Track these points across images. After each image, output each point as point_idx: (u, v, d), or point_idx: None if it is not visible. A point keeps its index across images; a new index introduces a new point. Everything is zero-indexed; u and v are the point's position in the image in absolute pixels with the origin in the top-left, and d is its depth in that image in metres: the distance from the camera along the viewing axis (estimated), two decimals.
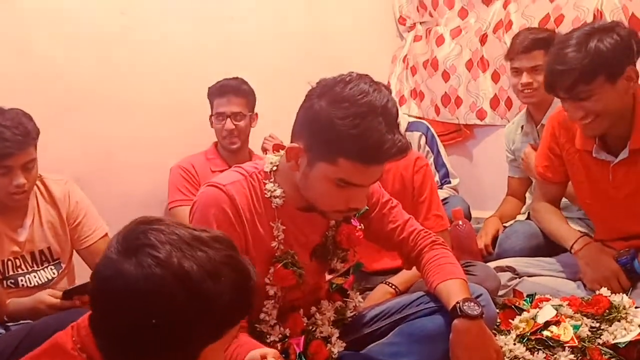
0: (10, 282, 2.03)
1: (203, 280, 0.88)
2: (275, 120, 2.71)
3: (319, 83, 1.45)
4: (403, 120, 3.14)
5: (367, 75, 1.43)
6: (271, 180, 1.55)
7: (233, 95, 2.77)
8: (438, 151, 3.06)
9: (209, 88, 2.82)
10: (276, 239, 1.54)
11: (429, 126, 3.13)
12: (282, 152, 1.55)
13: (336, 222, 1.64)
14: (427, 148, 3.05)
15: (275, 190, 1.54)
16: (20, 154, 1.93)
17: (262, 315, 1.57)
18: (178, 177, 2.78)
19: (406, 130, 3.08)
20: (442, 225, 2.13)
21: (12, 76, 2.54)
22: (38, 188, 2.13)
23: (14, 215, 2.07)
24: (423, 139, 3.06)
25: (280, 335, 1.58)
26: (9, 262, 2.04)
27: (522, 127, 2.65)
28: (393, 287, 2.03)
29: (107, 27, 2.78)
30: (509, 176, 2.81)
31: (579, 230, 2.16)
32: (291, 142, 1.48)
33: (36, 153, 2.01)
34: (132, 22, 2.85)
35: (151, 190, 2.86)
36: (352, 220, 1.66)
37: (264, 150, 2.96)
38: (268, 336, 1.57)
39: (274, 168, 1.56)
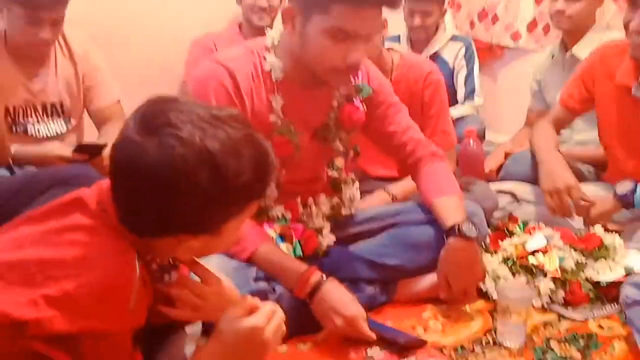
0: (20, 129, 2.06)
1: (225, 159, 0.88)
2: None
3: None
4: (448, 32, 3.07)
5: None
6: (271, 53, 1.54)
7: None
8: (472, 68, 3.01)
9: None
10: (274, 112, 1.54)
11: (472, 43, 3.08)
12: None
13: (338, 103, 1.63)
14: (464, 61, 3.00)
15: (274, 62, 1.53)
16: (54, 8, 1.92)
17: None
18: (198, 54, 2.75)
19: (449, 40, 3.02)
20: (448, 142, 2.12)
21: None
22: (59, 42, 2.12)
23: (31, 63, 2.07)
24: (463, 50, 3.01)
25: (281, 213, 1.61)
26: (20, 109, 2.06)
27: (552, 56, 2.58)
28: (391, 195, 2.05)
29: None
30: (529, 107, 2.76)
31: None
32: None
33: (65, 11, 1.99)
34: None
35: (169, 62, 2.84)
36: (354, 100, 1.64)
37: None
38: (271, 209, 1.60)
39: (276, 42, 1.55)
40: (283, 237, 1.60)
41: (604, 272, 1.67)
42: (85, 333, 0.87)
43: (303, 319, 1.46)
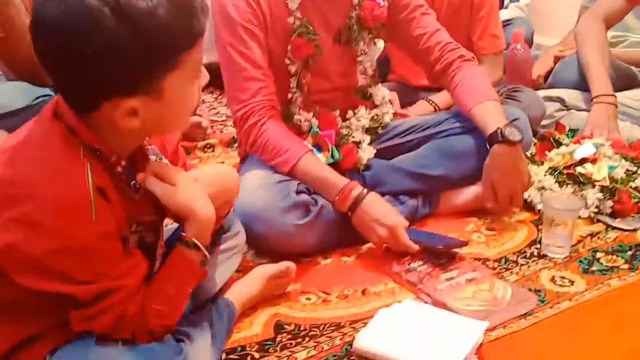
0: None
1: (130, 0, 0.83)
2: None
3: None
4: None
5: None
6: None
7: None
8: None
9: None
10: (292, 14, 1.51)
11: None
12: None
13: (359, 1, 1.57)
14: None
15: None
16: None
17: (289, 96, 1.58)
18: None
19: None
20: (496, 46, 2.04)
21: None
22: None
23: None
24: None
25: (309, 124, 1.59)
26: None
27: None
28: (433, 104, 2.01)
29: None
30: (582, 5, 2.59)
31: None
32: None
33: None
34: None
35: None
36: None
37: None
38: (297, 115, 1.59)
39: None
40: (318, 147, 1.59)
41: None
42: (58, 252, 0.87)
43: (346, 232, 1.49)
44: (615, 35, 2.37)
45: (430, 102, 2.02)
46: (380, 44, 1.68)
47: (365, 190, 1.46)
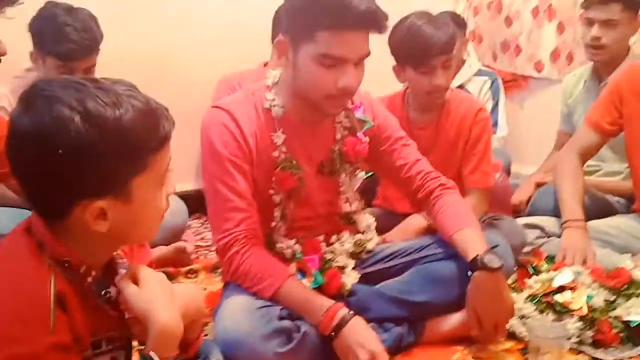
0: None
1: (99, 107, 0.88)
2: None
3: None
4: (474, 66, 3.10)
5: None
6: (272, 91, 1.58)
7: None
8: (498, 101, 3.02)
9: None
10: (277, 148, 1.57)
11: (498, 77, 3.10)
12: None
13: (342, 136, 1.64)
14: (489, 95, 3.02)
15: (274, 99, 1.57)
16: (84, 58, 2.01)
17: (273, 224, 1.61)
18: (223, 92, 2.78)
19: (474, 75, 3.05)
20: (486, 182, 2.07)
21: None
22: None
23: None
24: (488, 84, 3.03)
25: (292, 249, 1.61)
26: None
27: (584, 81, 2.53)
28: (426, 217, 1.96)
29: None
30: (559, 130, 2.70)
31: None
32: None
33: (97, 58, 2.06)
34: None
35: (196, 105, 2.85)
36: (357, 133, 1.66)
37: None
38: (279, 243, 1.60)
39: (276, 80, 1.59)
40: (302, 272, 1.60)
41: (636, 311, 1.62)
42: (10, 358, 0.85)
43: (328, 358, 1.45)
44: (590, 165, 2.46)
45: (423, 215, 1.99)
46: (362, 174, 1.73)
47: (351, 312, 1.46)
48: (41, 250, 0.93)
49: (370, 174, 1.79)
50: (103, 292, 0.98)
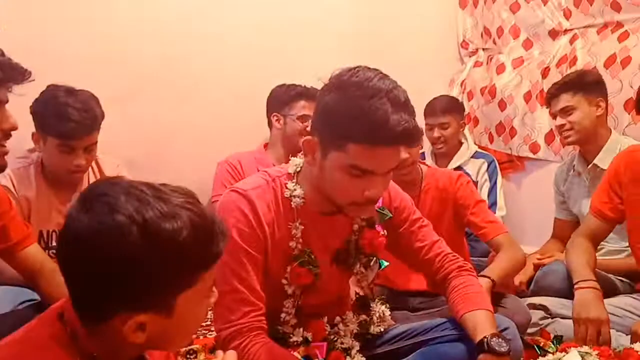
0: (53, 253, 2.10)
1: (159, 222, 0.87)
2: None
3: (331, 77, 1.46)
4: (471, 148, 3.19)
5: (376, 68, 1.43)
6: (293, 180, 1.56)
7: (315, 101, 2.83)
8: (495, 182, 3.10)
9: (288, 89, 2.87)
10: (294, 238, 1.55)
11: (495, 159, 3.19)
12: None
13: (359, 227, 1.63)
14: (486, 176, 3.11)
15: (295, 189, 1.54)
16: (85, 137, 2.04)
17: (282, 315, 1.59)
18: (224, 173, 2.83)
19: (471, 157, 3.15)
20: (499, 229, 2.11)
21: (76, 57, 2.65)
22: (92, 168, 2.23)
23: (65, 189, 2.17)
24: (485, 166, 3.13)
25: (301, 338, 1.59)
26: (54, 233, 2.13)
27: (573, 167, 2.63)
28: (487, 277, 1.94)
29: (171, 15, 2.90)
30: (555, 217, 2.77)
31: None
32: (310, 135, 1.50)
33: (98, 137, 2.10)
34: (196, 15, 2.96)
35: (198, 183, 2.89)
36: (375, 225, 1.65)
37: None
38: (291, 336, 1.58)
39: (298, 169, 1.57)
40: (309, 358, 1.56)
41: None
42: None
43: None
44: None
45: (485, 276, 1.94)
46: (376, 266, 1.73)
47: None
48: (72, 341, 0.92)
49: (385, 264, 1.77)
50: None
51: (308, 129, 2.79)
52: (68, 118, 1.99)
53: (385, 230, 1.67)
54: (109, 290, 0.88)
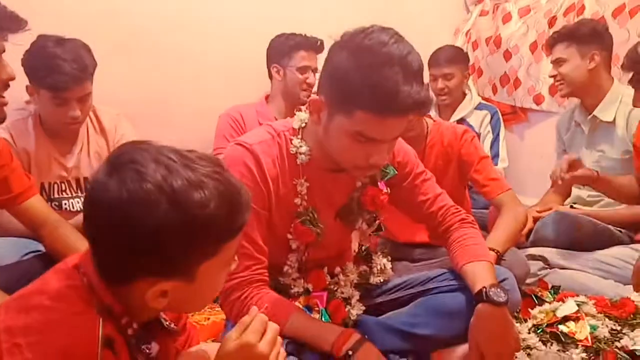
0: (55, 204, 2.12)
1: (187, 192, 0.87)
2: None
3: (342, 36, 1.40)
4: (475, 99, 3.16)
5: (391, 28, 1.38)
6: (298, 137, 1.54)
7: (318, 52, 2.80)
8: (498, 134, 3.09)
9: (288, 38, 2.82)
10: (299, 195, 1.55)
11: (498, 110, 3.17)
12: None
13: (362, 184, 1.63)
14: (489, 128, 3.09)
15: (301, 146, 1.53)
16: (76, 88, 1.99)
17: (285, 268, 1.60)
18: (226, 125, 2.82)
19: (475, 108, 3.12)
20: (501, 187, 2.12)
21: (76, 10, 2.61)
22: (90, 119, 2.21)
23: (64, 141, 2.16)
24: (488, 117, 3.11)
25: (302, 289, 1.61)
26: (55, 185, 2.13)
27: (574, 119, 2.62)
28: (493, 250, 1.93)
29: None
30: (555, 166, 2.74)
31: None
32: (316, 94, 1.46)
33: (92, 86, 2.06)
34: None
35: (198, 137, 2.89)
36: (378, 183, 1.65)
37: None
38: (292, 287, 1.60)
39: (303, 125, 1.55)
40: (309, 308, 1.59)
41: None
42: None
43: None
44: (592, 195, 2.49)
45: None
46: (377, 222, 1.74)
47: (365, 337, 1.45)
48: (90, 292, 0.93)
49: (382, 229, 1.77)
50: (143, 347, 0.99)
51: (308, 80, 2.78)
52: (58, 70, 1.94)
53: (388, 188, 1.67)
54: (135, 257, 0.89)
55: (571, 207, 2.58)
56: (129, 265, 0.90)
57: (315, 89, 2.89)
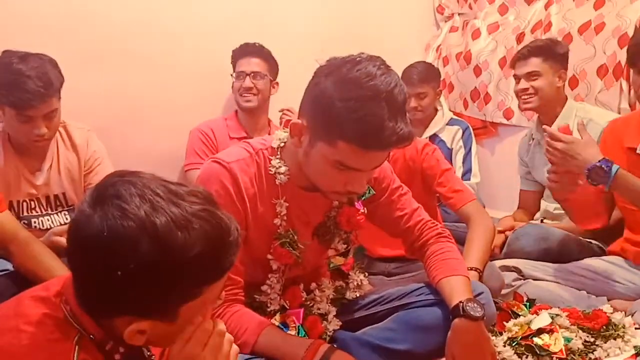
0: (24, 222, 2.07)
1: (171, 232, 0.84)
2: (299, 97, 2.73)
3: (329, 61, 1.40)
4: (447, 115, 3.19)
5: (378, 57, 1.38)
6: (277, 156, 1.54)
7: (254, 56, 2.83)
8: (470, 149, 3.11)
9: (233, 51, 2.87)
10: (279, 216, 1.54)
11: (469, 126, 3.20)
12: None
13: (339, 203, 1.63)
14: (461, 143, 3.11)
15: (280, 167, 1.52)
16: (41, 105, 1.93)
17: (264, 288, 1.59)
18: (197, 141, 2.80)
19: (447, 124, 3.14)
20: (466, 197, 2.12)
21: (42, 16, 2.55)
22: (60, 134, 2.16)
23: (33, 158, 2.11)
24: (459, 133, 3.13)
25: (278, 306, 1.60)
26: (24, 203, 2.08)
27: (532, 135, 2.67)
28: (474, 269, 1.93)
29: None
30: (520, 189, 2.83)
31: None
32: (298, 118, 1.46)
33: (59, 103, 2.01)
34: None
35: (169, 151, 2.88)
36: (355, 203, 1.65)
37: (282, 122, 2.97)
38: (269, 305, 1.58)
39: (282, 144, 1.54)
40: (285, 325, 1.58)
41: (614, 352, 1.64)
42: None
43: None
44: (558, 208, 2.53)
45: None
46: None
47: (334, 346, 1.44)
48: (69, 324, 0.91)
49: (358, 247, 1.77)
50: None
51: (244, 85, 2.78)
52: (21, 87, 1.88)
53: (364, 208, 1.67)
54: (113, 295, 0.87)
55: (541, 221, 2.62)
56: (107, 302, 0.88)
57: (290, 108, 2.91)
